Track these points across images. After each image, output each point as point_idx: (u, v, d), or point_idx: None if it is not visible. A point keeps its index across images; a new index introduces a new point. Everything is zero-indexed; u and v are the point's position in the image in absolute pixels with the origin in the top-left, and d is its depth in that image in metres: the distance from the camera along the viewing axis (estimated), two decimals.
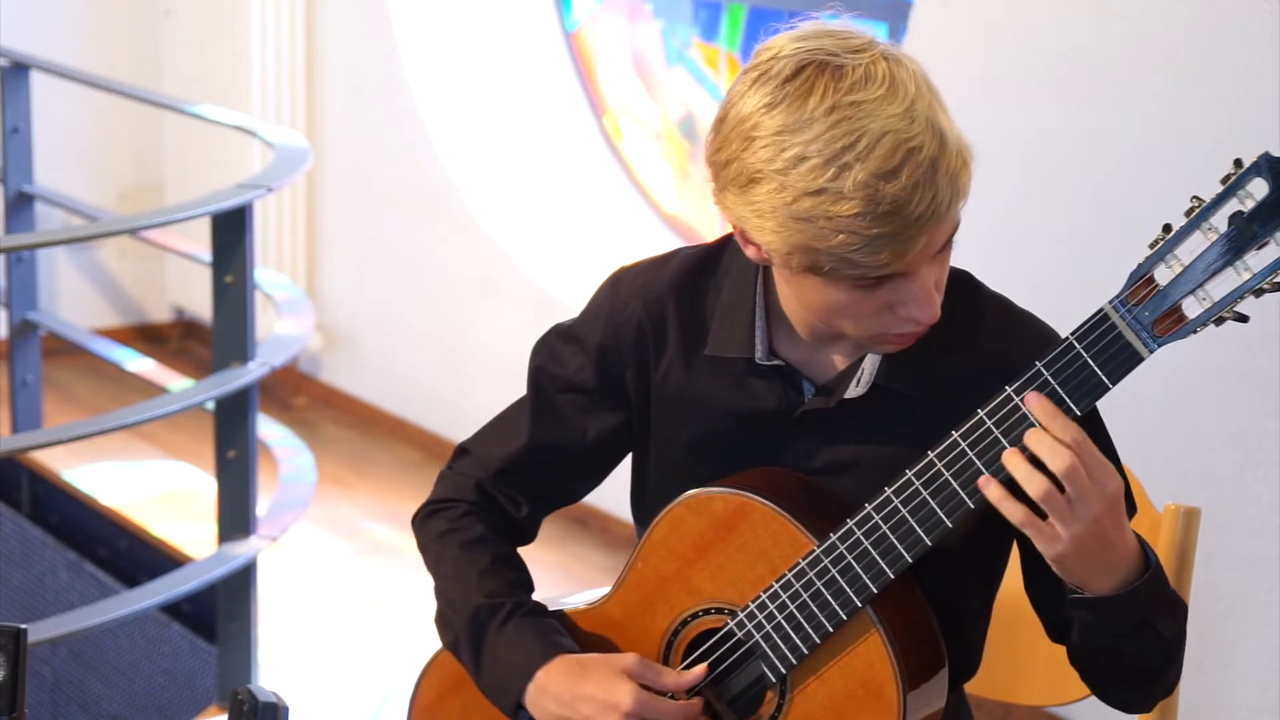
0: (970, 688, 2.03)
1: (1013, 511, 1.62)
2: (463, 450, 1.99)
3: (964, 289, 1.78)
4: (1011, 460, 1.62)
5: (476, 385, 5.14)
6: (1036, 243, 3.59)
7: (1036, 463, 1.61)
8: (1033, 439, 1.61)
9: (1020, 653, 2.05)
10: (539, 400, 1.92)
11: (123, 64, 6.03)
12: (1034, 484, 1.60)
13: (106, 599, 3.83)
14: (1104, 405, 1.78)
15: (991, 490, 1.63)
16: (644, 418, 1.89)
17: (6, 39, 5.30)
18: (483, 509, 1.94)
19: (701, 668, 1.80)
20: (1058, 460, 1.59)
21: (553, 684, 1.81)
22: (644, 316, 1.85)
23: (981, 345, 1.75)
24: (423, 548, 1.97)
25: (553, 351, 1.92)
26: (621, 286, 1.88)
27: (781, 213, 1.60)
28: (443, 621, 1.92)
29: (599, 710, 1.77)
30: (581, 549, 4.58)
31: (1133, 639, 1.70)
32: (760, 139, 1.60)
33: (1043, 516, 1.62)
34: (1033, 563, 1.80)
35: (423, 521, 1.98)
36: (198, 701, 4.27)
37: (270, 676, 3.92)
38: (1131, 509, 1.77)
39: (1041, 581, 1.79)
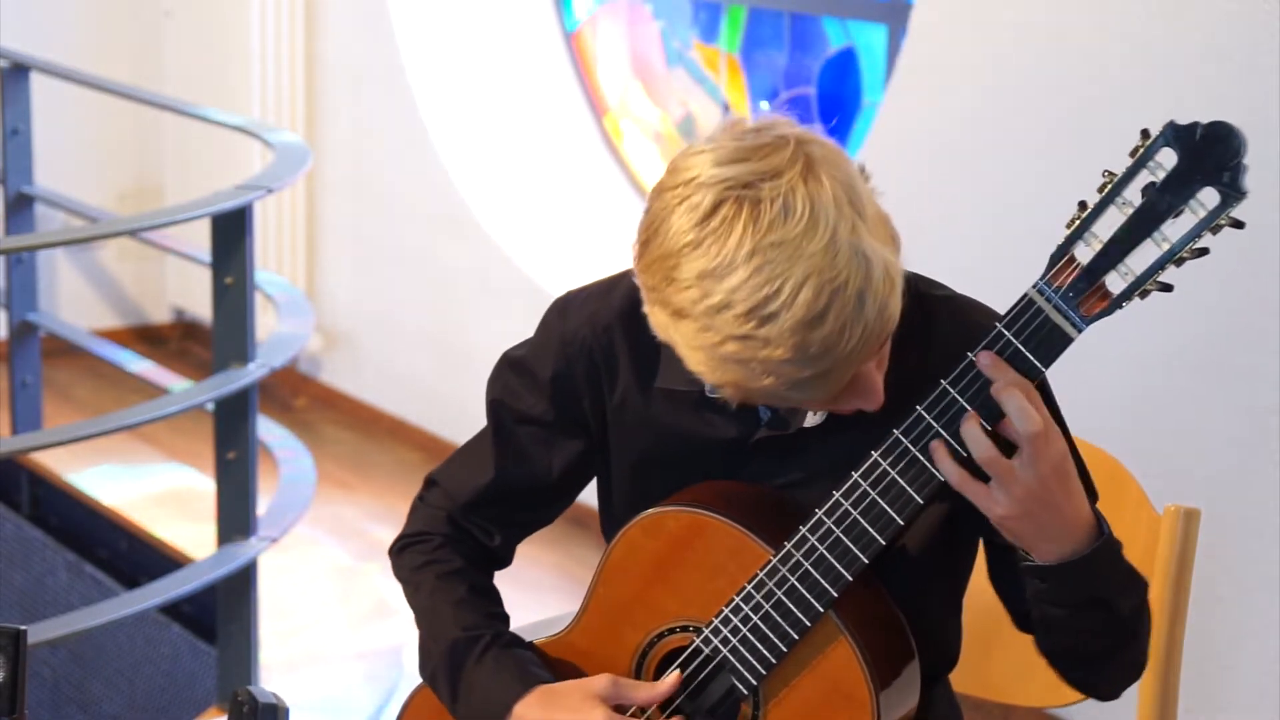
0: (970, 688, 2.03)
1: (949, 470, 1.64)
2: (431, 481, 2.00)
3: (911, 295, 1.76)
4: (968, 429, 1.63)
5: (476, 386, 5.10)
6: (1035, 242, 3.58)
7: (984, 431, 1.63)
8: (1006, 395, 1.61)
9: (1020, 653, 2.05)
10: (500, 434, 1.93)
11: (123, 65, 6.03)
12: (979, 447, 1.62)
13: (106, 600, 3.83)
14: (1104, 405, 1.78)
15: (938, 451, 1.64)
16: (603, 444, 1.89)
17: (6, 40, 5.30)
18: (457, 540, 1.96)
19: (675, 676, 1.80)
20: (1027, 423, 1.60)
21: (528, 715, 1.81)
22: (594, 346, 1.85)
23: (932, 346, 1.76)
24: (401, 581, 2.00)
25: (507, 384, 1.92)
26: (570, 315, 1.87)
27: (709, 351, 1.59)
28: (423, 653, 1.94)
29: None
30: (580, 549, 4.58)
31: (1086, 614, 1.70)
32: (683, 280, 1.57)
33: (985, 480, 1.64)
34: (995, 549, 1.82)
35: (398, 554, 2.01)
36: (198, 702, 4.27)
37: (270, 677, 3.92)
38: (1093, 495, 1.78)
39: (1003, 568, 1.81)
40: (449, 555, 1.95)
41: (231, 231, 3.74)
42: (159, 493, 4.92)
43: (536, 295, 4.93)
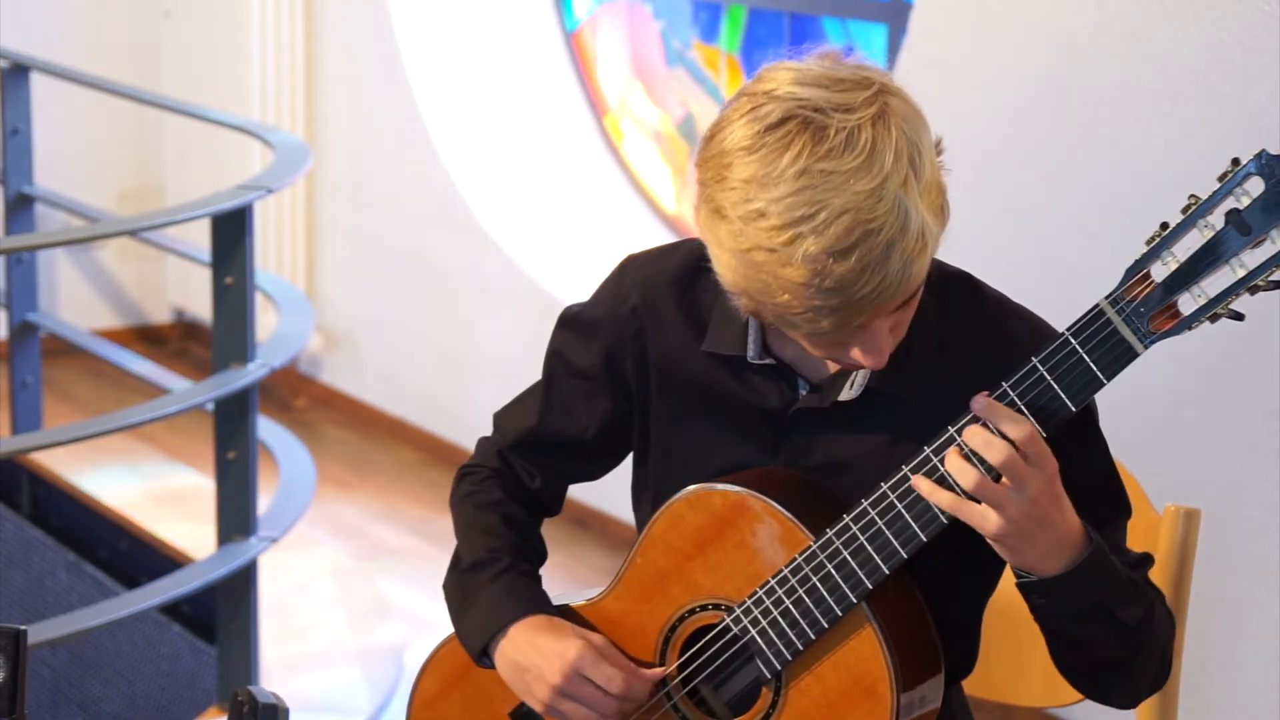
0: (970, 688, 2.03)
1: (940, 500, 1.65)
2: (495, 421, 2.06)
3: (963, 290, 1.79)
4: (949, 459, 1.64)
5: (476, 386, 5.14)
6: (1035, 241, 3.59)
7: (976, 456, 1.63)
8: (968, 434, 1.63)
9: (1020, 653, 2.05)
10: (550, 384, 1.98)
11: (123, 65, 6.03)
12: (965, 477, 1.63)
13: (106, 600, 3.83)
14: (1104, 406, 1.78)
15: (921, 485, 1.65)
16: (644, 409, 1.91)
17: (6, 40, 5.30)
18: (503, 475, 2.02)
19: (659, 670, 1.83)
20: (993, 453, 1.61)
21: (518, 634, 1.87)
22: (642, 308, 1.88)
23: (980, 345, 1.76)
24: (451, 506, 2.05)
25: (565, 337, 1.96)
26: (626, 276, 1.92)
27: (737, 256, 1.61)
28: (450, 569, 1.99)
29: (545, 658, 1.84)
30: (581, 550, 4.58)
31: (1090, 623, 1.70)
32: (731, 180, 1.60)
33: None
34: None
35: (456, 483, 2.06)
36: (198, 702, 4.27)
37: (270, 677, 3.92)
38: (1126, 509, 1.79)
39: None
40: (491, 488, 2.00)
41: (231, 231, 3.74)
42: (159, 493, 4.92)
43: (536, 295, 4.93)
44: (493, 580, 1.92)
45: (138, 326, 6.37)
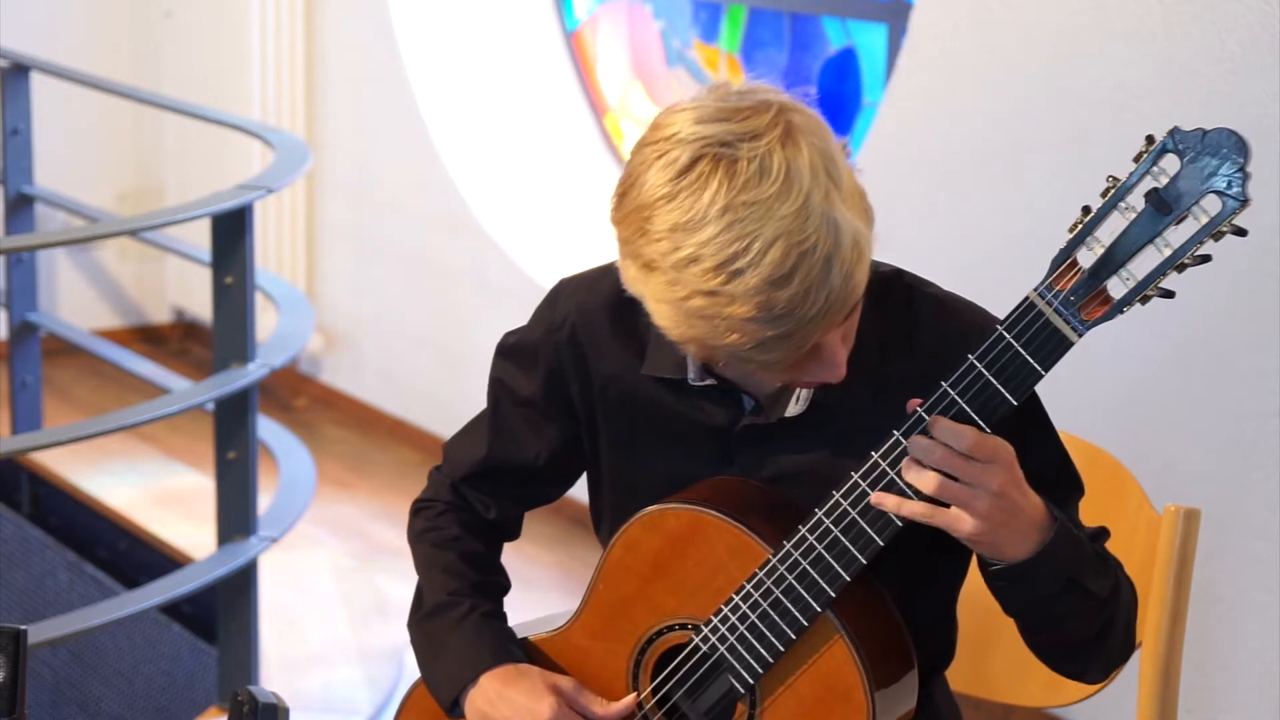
0: (970, 688, 2.03)
1: (912, 510, 1.65)
2: (444, 450, 2.06)
3: (897, 289, 1.79)
4: (905, 469, 1.64)
5: (476, 386, 5.11)
6: (1035, 241, 3.58)
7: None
8: (913, 444, 1.64)
9: (1020, 653, 2.05)
10: (496, 413, 1.98)
11: (123, 65, 6.03)
12: (925, 481, 1.63)
13: (106, 600, 3.83)
14: (1104, 406, 1.78)
15: (887, 502, 1.66)
16: (592, 430, 1.91)
17: (6, 40, 5.30)
18: (458, 509, 2.01)
19: (630, 699, 1.83)
20: (934, 456, 1.62)
21: (489, 685, 1.86)
22: (580, 333, 1.88)
23: (919, 345, 1.76)
24: (410, 543, 2.04)
25: (506, 366, 1.97)
26: (560, 302, 1.92)
27: (676, 306, 1.60)
28: (412, 609, 1.98)
29: (517, 713, 1.83)
30: (581, 549, 4.58)
31: (1062, 600, 1.71)
32: (655, 232, 1.59)
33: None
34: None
35: (412, 518, 2.05)
36: (198, 702, 4.27)
37: (270, 677, 3.92)
38: (1079, 487, 1.80)
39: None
40: (447, 523, 1.99)
41: (231, 231, 3.74)
42: (159, 493, 4.91)
43: (536, 295, 4.88)
44: (457, 625, 1.91)
45: (138, 326, 6.37)
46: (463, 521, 1.99)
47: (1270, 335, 3.18)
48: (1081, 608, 1.73)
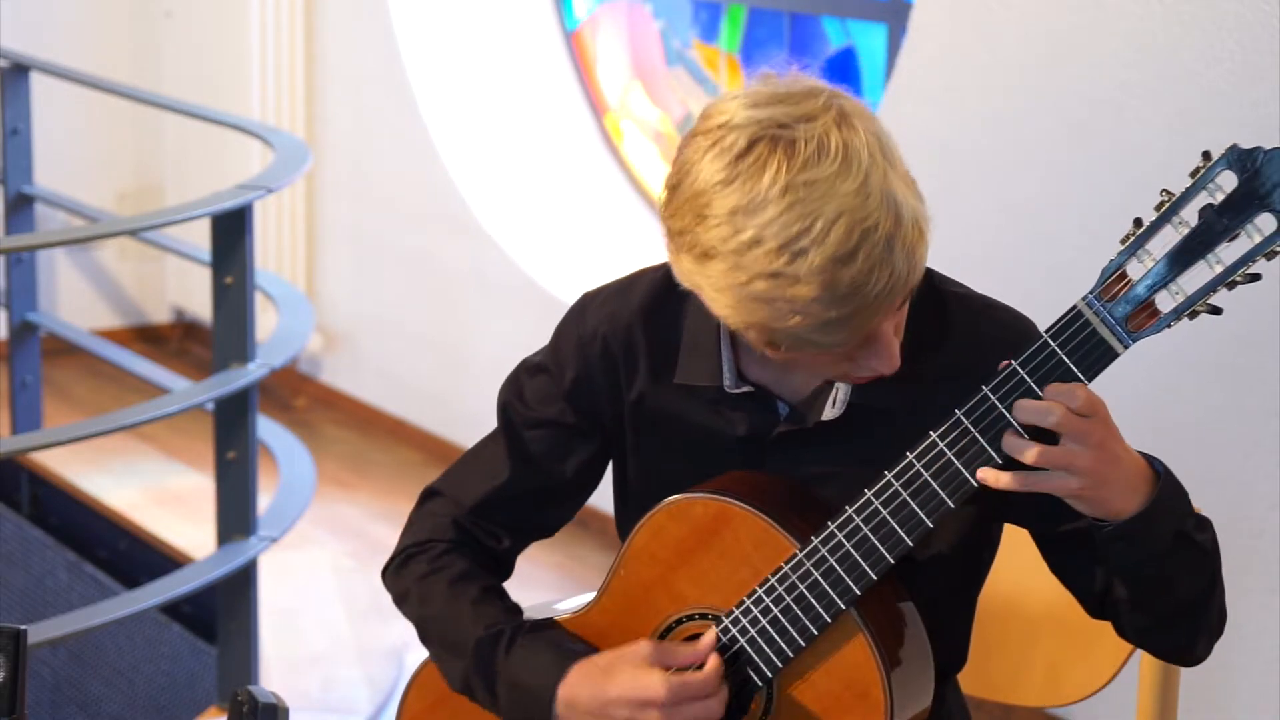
0: (970, 688, 2.03)
1: (1012, 482, 1.63)
2: (431, 493, 2.00)
3: (926, 291, 1.78)
4: (1009, 441, 1.62)
5: (476, 386, 5.14)
6: (1034, 241, 3.59)
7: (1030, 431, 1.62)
8: (1018, 409, 1.62)
9: (1020, 653, 2.06)
10: (512, 437, 1.92)
11: (123, 65, 6.03)
12: (1026, 453, 1.61)
13: (106, 600, 3.83)
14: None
15: (989, 477, 1.63)
16: (620, 442, 1.89)
17: (6, 39, 5.30)
18: (463, 545, 1.94)
19: (712, 633, 1.77)
20: (1050, 418, 1.60)
21: (580, 696, 1.79)
22: (613, 344, 1.85)
23: (950, 347, 1.76)
24: (402, 597, 1.95)
25: (522, 388, 1.92)
26: (588, 315, 1.88)
27: (736, 291, 1.59)
28: (445, 664, 1.90)
29: (635, 710, 1.76)
30: (581, 549, 4.58)
31: (1174, 555, 1.68)
32: (714, 217, 1.58)
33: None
34: (1049, 543, 1.80)
35: (397, 570, 1.97)
36: (198, 702, 4.27)
37: (270, 677, 3.92)
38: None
39: (1068, 556, 1.79)
40: (455, 560, 1.92)
41: (231, 231, 3.74)
42: (159, 493, 4.92)
43: (536, 295, 4.93)
44: (506, 655, 1.83)
45: (138, 326, 6.37)
46: (470, 558, 1.93)
47: (1271, 335, 3.18)
48: (1192, 562, 1.70)
